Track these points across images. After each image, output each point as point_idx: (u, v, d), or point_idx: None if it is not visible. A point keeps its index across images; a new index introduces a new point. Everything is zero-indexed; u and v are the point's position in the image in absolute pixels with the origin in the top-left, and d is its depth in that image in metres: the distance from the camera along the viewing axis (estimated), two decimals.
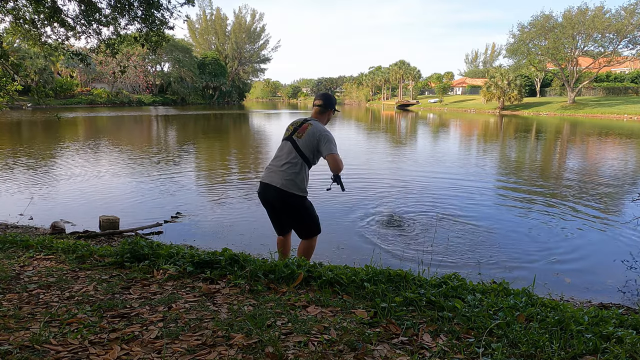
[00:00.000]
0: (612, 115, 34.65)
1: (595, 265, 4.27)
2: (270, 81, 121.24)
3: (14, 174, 8.50)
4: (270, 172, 3.23)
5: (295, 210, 3.25)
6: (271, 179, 3.19)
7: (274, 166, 3.24)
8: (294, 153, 3.16)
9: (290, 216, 3.31)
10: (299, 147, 3.15)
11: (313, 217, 3.30)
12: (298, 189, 3.16)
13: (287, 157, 3.17)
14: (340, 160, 3.17)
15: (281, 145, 3.28)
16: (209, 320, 2.06)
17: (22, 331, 1.91)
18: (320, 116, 3.36)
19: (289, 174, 3.13)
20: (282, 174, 3.14)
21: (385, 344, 1.85)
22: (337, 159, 3.13)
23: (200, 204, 6.51)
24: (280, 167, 3.17)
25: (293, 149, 3.16)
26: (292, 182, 3.13)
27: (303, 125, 3.21)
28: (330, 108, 3.39)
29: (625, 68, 49.44)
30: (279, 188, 3.13)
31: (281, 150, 3.25)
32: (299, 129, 3.20)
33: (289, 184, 3.13)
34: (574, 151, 14.69)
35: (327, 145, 3.12)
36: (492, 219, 5.79)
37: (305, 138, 3.15)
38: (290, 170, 3.14)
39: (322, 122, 3.34)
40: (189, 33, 68.13)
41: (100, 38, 5.66)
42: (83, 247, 3.36)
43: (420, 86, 74.04)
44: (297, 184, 3.15)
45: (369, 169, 9.78)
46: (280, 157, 3.23)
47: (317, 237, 3.39)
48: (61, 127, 20.92)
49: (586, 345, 1.82)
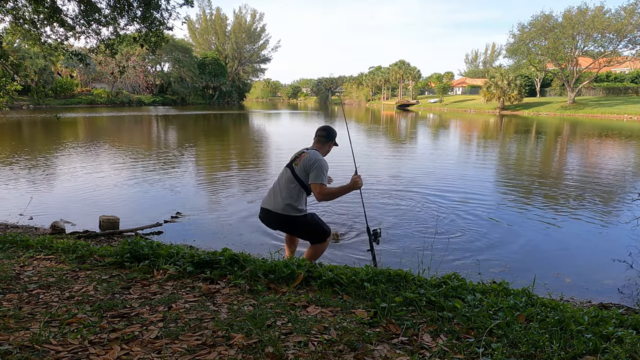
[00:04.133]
0: (612, 115, 34.66)
1: (595, 265, 4.26)
2: (270, 81, 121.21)
3: (14, 174, 8.50)
4: (270, 198, 3.39)
5: (299, 228, 3.41)
6: (271, 204, 3.35)
7: (274, 192, 3.38)
8: (292, 180, 3.29)
9: (295, 232, 3.49)
10: (297, 174, 3.27)
11: (316, 226, 3.41)
12: (296, 211, 3.30)
13: (287, 184, 3.31)
14: (327, 193, 3.24)
15: (282, 171, 3.43)
16: (209, 320, 2.06)
17: (22, 331, 1.91)
18: (321, 146, 3.47)
19: (288, 200, 3.28)
20: (281, 200, 3.30)
21: (385, 344, 1.85)
22: (320, 190, 3.20)
23: (200, 204, 6.50)
24: (279, 194, 3.32)
25: (292, 175, 3.30)
26: (290, 206, 3.28)
27: (302, 154, 3.35)
28: (331, 140, 3.51)
29: (625, 68, 49.44)
30: (279, 213, 3.29)
31: (282, 176, 3.40)
32: (298, 157, 3.35)
33: (288, 209, 3.27)
34: (574, 151, 14.69)
35: (315, 172, 3.20)
36: (492, 218, 5.79)
37: (300, 165, 3.28)
38: (289, 197, 3.28)
39: (321, 152, 3.43)
40: (189, 33, 68.24)
41: (100, 38, 5.66)
42: (83, 247, 3.37)
43: (420, 86, 74.04)
44: (295, 208, 3.29)
45: (368, 169, 9.78)
46: (280, 183, 3.37)
47: (328, 240, 3.52)
48: (61, 127, 20.92)
49: (586, 345, 1.82)
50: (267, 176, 9.02)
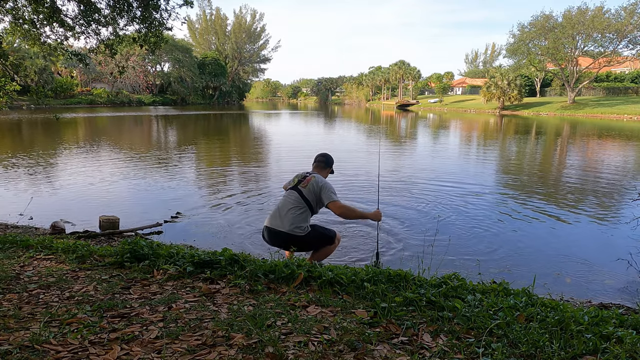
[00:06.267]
0: (612, 115, 34.67)
1: (595, 265, 4.26)
2: (270, 81, 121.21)
3: (14, 174, 8.50)
4: (276, 219, 3.48)
5: (306, 244, 3.55)
6: (278, 225, 3.46)
7: (279, 212, 3.51)
8: (299, 200, 3.47)
9: (305, 249, 3.60)
10: (304, 195, 3.48)
11: (322, 236, 3.61)
12: (301, 230, 3.45)
13: (294, 204, 3.47)
14: (344, 206, 3.47)
15: (287, 193, 3.58)
16: (209, 320, 2.06)
17: (22, 331, 1.91)
18: (320, 171, 3.73)
19: (294, 219, 3.43)
20: (287, 220, 3.44)
21: (385, 344, 1.85)
22: (339, 205, 3.45)
23: (201, 204, 6.50)
24: (285, 213, 3.45)
25: (299, 197, 3.48)
26: (297, 226, 3.43)
27: (307, 178, 3.56)
28: (329, 166, 3.80)
29: (625, 68, 49.45)
30: (285, 232, 3.42)
31: (287, 197, 3.54)
32: (303, 181, 3.54)
33: (294, 228, 3.43)
34: (574, 151, 14.69)
35: (327, 193, 3.46)
36: (492, 219, 5.79)
37: (309, 187, 3.50)
38: (295, 215, 3.43)
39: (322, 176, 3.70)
40: (189, 33, 68.27)
41: (99, 38, 5.66)
42: (83, 247, 3.36)
43: (420, 86, 74.03)
44: (301, 227, 3.45)
45: (368, 169, 9.77)
46: (286, 204, 3.50)
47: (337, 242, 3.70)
48: (61, 127, 20.92)
49: (586, 345, 1.82)
50: (268, 176, 9.02)
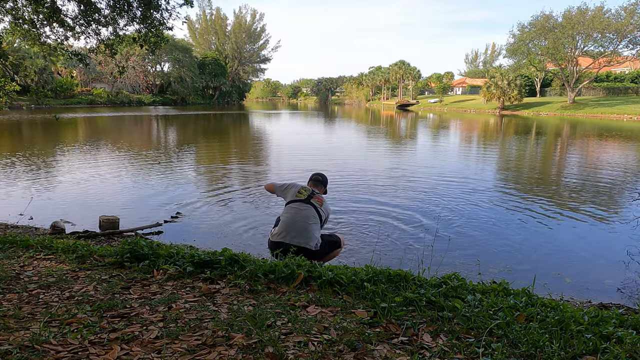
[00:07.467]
0: (612, 115, 34.66)
1: (595, 265, 4.26)
2: (270, 81, 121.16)
3: (14, 174, 8.50)
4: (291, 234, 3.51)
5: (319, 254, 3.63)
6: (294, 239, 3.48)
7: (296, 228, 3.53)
8: (316, 217, 3.60)
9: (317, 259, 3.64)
10: (321, 213, 3.64)
11: (329, 244, 3.72)
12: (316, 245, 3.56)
13: (313, 219, 3.57)
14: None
15: (299, 206, 3.62)
16: (209, 320, 2.06)
17: (22, 331, 1.91)
18: (320, 188, 3.96)
19: (312, 233, 3.52)
20: (306, 234, 3.50)
21: (385, 344, 1.85)
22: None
23: (201, 204, 6.50)
24: (305, 228, 3.52)
25: (316, 213, 3.60)
26: (314, 239, 3.54)
27: (317, 196, 3.72)
28: (325, 186, 4.04)
29: (625, 68, 49.44)
30: (303, 247, 3.47)
31: (302, 212, 3.58)
32: (314, 197, 3.68)
33: (311, 242, 3.51)
34: (574, 151, 14.69)
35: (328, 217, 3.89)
36: (493, 218, 5.79)
37: (324, 207, 3.72)
38: (314, 230, 3.55)
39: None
40: (189, 33, 68.22)
41: (100, 38, 5.66)
42: (83, 247, 3.36)
43: (420, 86, 74.01)
44: (316, 240, 3.55)
45: (368, 168, 9.78)
46: (306, 218, 3.56)
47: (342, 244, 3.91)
48: (61, 127, 20.92)
49: (586, 345, 1.82)
50: (268, 176, 9.02)
